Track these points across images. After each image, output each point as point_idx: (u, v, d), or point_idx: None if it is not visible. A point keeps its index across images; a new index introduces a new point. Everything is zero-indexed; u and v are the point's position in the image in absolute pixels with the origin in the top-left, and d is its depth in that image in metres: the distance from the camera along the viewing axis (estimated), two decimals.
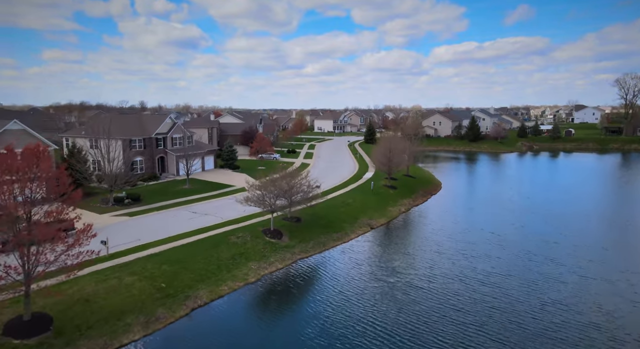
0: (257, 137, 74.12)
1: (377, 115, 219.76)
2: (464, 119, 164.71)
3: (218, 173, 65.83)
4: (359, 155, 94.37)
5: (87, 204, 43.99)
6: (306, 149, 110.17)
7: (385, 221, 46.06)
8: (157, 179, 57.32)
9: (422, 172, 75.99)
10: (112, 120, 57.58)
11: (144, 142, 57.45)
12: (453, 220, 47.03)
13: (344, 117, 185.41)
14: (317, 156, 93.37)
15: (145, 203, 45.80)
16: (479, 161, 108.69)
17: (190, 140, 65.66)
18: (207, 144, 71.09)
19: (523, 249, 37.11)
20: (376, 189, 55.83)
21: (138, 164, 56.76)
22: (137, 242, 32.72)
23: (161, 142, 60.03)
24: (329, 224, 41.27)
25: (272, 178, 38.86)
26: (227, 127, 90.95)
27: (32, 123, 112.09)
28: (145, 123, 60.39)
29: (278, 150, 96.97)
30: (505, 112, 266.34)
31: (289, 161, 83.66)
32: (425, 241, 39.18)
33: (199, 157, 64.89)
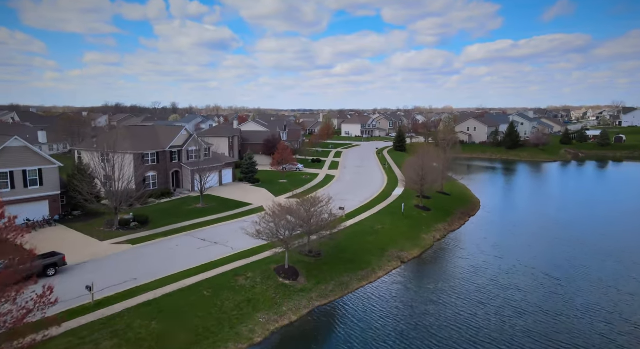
0: (280, 148, 69.74)
1: (407, 118, 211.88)
2: (501, 123, 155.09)
3: (236, 188, 61.73)
4: (387, 166, 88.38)
5: (90, 228, 40.59)
6: (332, 157, 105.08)
7: (418, 252, 40.27)
8: (171, 195, 53.72)
9: (458, 187, 69.29)
10: (125, 132, 54.44)
11: (157, 156, 54.01)
12: (497, 252, 40.64)
13: (372, 121, 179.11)
14: (342, 166, 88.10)
15: (152, 227, 41.98)
16: (519, 172, 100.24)
17: (207, 152, 61.88)
18: (225, 156, 67.30)
19: (589, 302, 30.57)
20: (407, 211, 50.00)
21: (150, 180, 53.33)
22: (131, 283, 28.58)
23: (176, 155, 56.46)
24: (354, 258, 35.96)
25: (288, 206, 33.92)
26: (249, 136, 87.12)
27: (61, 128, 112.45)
28: (159, 136, 57.02)
29: (302, 160, 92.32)
30: (544, 114, 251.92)
31: (313, 172, 78.82)
32: (464, 285, 33.22)
33: (215, 171, 61.04)
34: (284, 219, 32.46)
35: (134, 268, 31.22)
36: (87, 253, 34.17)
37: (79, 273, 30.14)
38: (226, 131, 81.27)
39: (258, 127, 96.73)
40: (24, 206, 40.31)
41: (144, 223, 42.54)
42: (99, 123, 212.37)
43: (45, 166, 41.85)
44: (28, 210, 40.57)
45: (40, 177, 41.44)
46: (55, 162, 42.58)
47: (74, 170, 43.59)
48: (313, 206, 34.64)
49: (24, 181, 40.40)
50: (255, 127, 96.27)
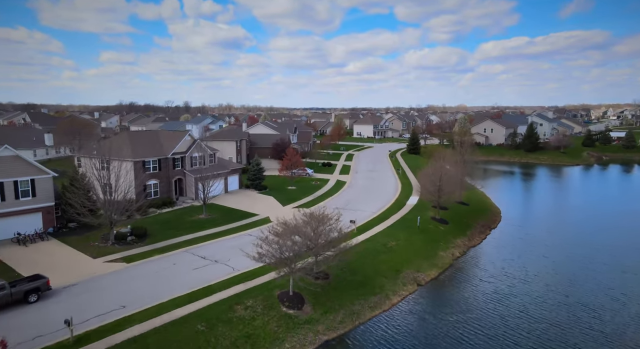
0: (288, 153, 66.75)
1: (420, 119, 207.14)
2: (519, 125, 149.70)
3: (242, 196, 58.91)
4: (401, 170, 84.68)
5: (84, 242, 38.11)
6: (343, 160, 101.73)
7: (435, 273, 36.82)
8: (173, 205, 51.13)
9: (476, 195, 65.34)
10: (126, 138, 52.03)
11: (158, 163, 51.46)
12: (522, 274, 36.93)
13: (384, 122, 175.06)
14: (354, 171, 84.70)
15: (150, 241, 39.34)
16: (540, 177, 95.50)
17: (213, 158, 59.17)
18: (231, 162, 64.58)
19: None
20: (423, 224, 46.48)
21: (151, 188, 50.81)
22: (119, 312, 25.83)
23: (179, 162, 53.86)
24: (365, 281, 32.71)
25: (293, 224, 30.80)
26: (257, 139, 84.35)
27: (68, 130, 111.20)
28: (162, 141, 54.48)
29: (312, 164, 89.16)
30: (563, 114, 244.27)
31: (323, 178, 75.65)
32: (488, 316, 29.71)
33: (221, 178, 58.33)
34: (288, 239, 29.45)
35: (124, 293, 28.50)
36: (77, 273, 31.61)
37: (64, 299, 27.54)
38: (234, 135, 78.61)
39: (267, 129, 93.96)
40: (15, 219, 38.05)
41: (142, 237, 39.93)
42: (110, 123, 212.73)
43: (38, 176, 39.52)
44: (19, 223, 38.30)
45: (32, 188, 39.12)
46: (49, 172, 40.23)
47: (68, 180, 41.11)
48: (321, 224, 31.49)
49: (15, 192, 38.11)
50: (264, 130, 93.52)
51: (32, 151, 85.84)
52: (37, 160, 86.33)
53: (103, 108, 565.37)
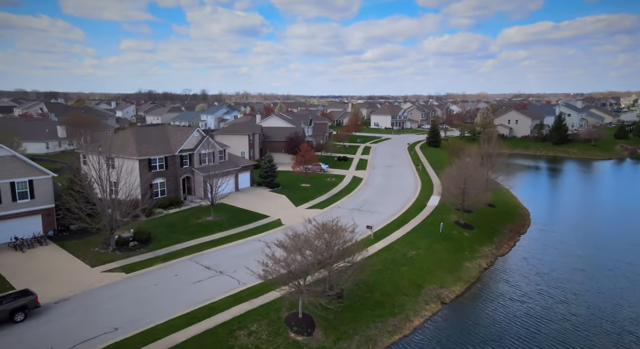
0: (302, 149, 63.55)
1: (440, 109, 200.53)
2: (546, 115, 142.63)
3: (253, 194, 56.17)
4: (421, 166, 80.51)
5: (84, 248, 35.97)
6: (360, 154, 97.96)
7: (461, 288, 33.40)
8: (180, 205, 48.73)
9: (502, 194, 61.04)
10: (131, 135, 49.66)
11: (165, 161, 48.98)
12: (560, 293, 33.19)
13: (403, 112, 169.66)
14: (371, 166, 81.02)
15: (153, 247, 36.99)
16: (569, 172, 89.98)
17: (223, 155, 56.45)
18: (242, 158, 61.74)
19: None
20: (446, 229, 42.87)
21: (158, 187, 48.47)
22: (109, 336, 23.42)
23: (187, 160, 51.30)
24: (383, 299, 29.57)
25: (304, 237, 27.72)
26: (271, 133, 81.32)
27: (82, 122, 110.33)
28: (169, 138, 51.92)
29: (327, 158, 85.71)
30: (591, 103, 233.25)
31: (339, 174, 72.30)
32: (521, 345, 26.25)
33: (231, 176, 55.66)
34: (298, 254, 26.47)
35: (118, 311, 26.10)
36: (72, 285, 29.41)
37: (54, 318, 25.29)
38: (246, 128, 75.76)
39: (281, 122, 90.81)
40: (12, 222, 36.13)
41: (145, 242, 37.62)
42: (126, 113, 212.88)
43: (36, 177, 37.42)
44: (17, 226, 36.40)
45: (31, 190, 37.08)
46: (48, 173, 38.08)
47: (67, 182, 38.86)
48: (335, 237, 28.34)
49: (12, 194, 36.11)
50: (278, 123, 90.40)
51: (44, 143, 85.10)
52: (49, 152, 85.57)
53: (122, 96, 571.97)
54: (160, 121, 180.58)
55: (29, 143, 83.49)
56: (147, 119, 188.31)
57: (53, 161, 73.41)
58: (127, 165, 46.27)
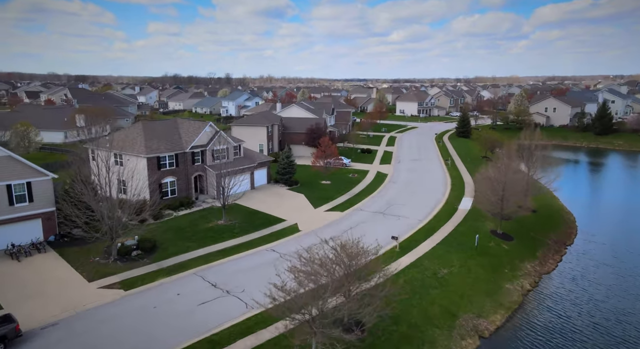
0: (323, 143, 59.32)
1: (470, 95, 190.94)
2: (587, 102, 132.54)
3: (269, 193, 52.60)
4: (450, 161, 74.93)
5: (84, 257, 33.29)
6: (384, 145, 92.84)
7: (501, 317, 28.94)
8: (191, 205, 45.65)
9: (543, 196, 55.19)
10: (140, 130, 46.58)
11: (176, 158, 45.79)
12: (619, 329, 28.28)
13: (430, 98, 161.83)
14: (396, 160, 76.06)
15: (158, 256, 34.01)
16: (615, 168, 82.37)
17: (238, 150, 52.91)
18: (259, 153, 58.02)
19: None
20: (482, 240, 38.11)
21: (168, 187, 45.46)
22: None
23: (199, 157, 47.99)
24: (411, 333, 25.52)
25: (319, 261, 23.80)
26: (291, 123, 77.24)
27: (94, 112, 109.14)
28: (180, 133, 48.61)
29: (350, 150, 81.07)
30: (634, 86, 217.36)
31: (362, 169, 67.82)
32: None
33: (247, 173, 52.17)
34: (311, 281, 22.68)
35: (108, 341, 23.11)
36: (63, 305, 26.67)
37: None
38: (265, 120, 71.90)
39: (302, 112, 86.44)
40: (10, 228, 33.78)
41: (150, 251, 34.69)
42: (149, 98, 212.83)
43: (35, 178, 34.81)
44: (15, 232, 34.04)
45: (29, 192, 34.54)
46: (47, 174, 35.39)
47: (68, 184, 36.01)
48: (355, 260, 24.34)
49: (8, 197, 33.64)
50: (299, 113, 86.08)
51: (63, 132, 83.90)
52: (68, 142, 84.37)
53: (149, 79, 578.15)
54: (182, 106, 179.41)
55: (47, 132, 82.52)
56: (169, 105, 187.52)
57: (66, 151, 71.44)
58: (135, 163, 43.43)
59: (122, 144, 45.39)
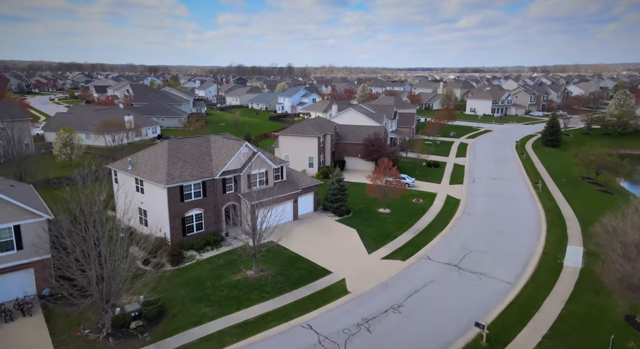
0: (382, 164, 49.02)
1: (555, 91, 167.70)
2: None
3: (314, 226, 43.63)
4: (540, 184, 60.76)
5: (70, 329, 26.47)
6: (454, 155, 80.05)
7: None
8: (219, 244, 37.95)
9: None
10: (164, 151, 39.51)
11: (203, 187, 38.21)
12: None
13: (507, 95, 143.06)
14: (469, 178, 63.62)
15: (163, 331, 26.46)
16: None
17: (280, 173, 44.46)
18: (305, 175, 48.79)
19: None
20: (619, 340, 26.02)
21: (193, 221, 38.09)
22: None
23: (231, 183, 40.10)
24: None
25: None
26: (346, 132, 67.50)
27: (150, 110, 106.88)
28: (211, 154, 40.95)
29: (411, 165, 69.47)
30: None
31: (427, 191, 56.57)
32: None
33: (289, 201, 43.67)
34: None
35: None
36: None
37: None
38: (316, 129, 62.82)
39: (360, 117, 76.19)
40: None
41: (155, 320, 27.29)
42: (208, 93, 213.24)
43: (25, 221, 28.67)
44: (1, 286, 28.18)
45: (17, 238, 28.47)
46: (42, 215, 29.11)
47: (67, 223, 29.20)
48: None
49: None
50: (356, 118, 75.93)
51: (110, 135, 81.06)
52: (113, 146, 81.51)
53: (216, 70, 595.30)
54: (239, 102, 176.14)
55: (96, 135, 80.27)
56: (226, 100, 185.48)
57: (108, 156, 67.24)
58: (155, 192, 36.49)
59: (143, 167, 38.71)
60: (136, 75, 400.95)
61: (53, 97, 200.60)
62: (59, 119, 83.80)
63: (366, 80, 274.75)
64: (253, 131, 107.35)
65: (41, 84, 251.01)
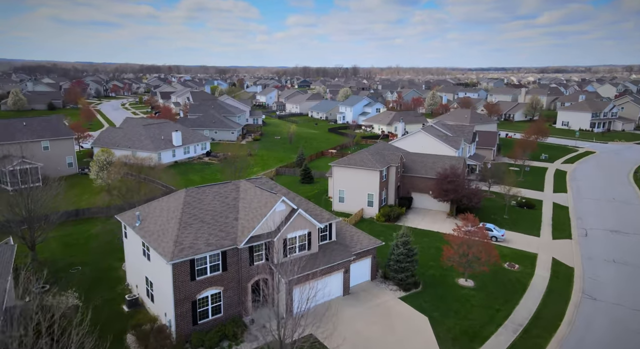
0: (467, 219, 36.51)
1: None
2: None
3: (369, 309, 32.44)
4: None
5: None
6: (550, 190, 64.21)
7: None
8: (239, 338, 28.18)
9: None
10: (179, 206, 30.64)
11: (223, 259, 28.76)
12: None
13: (611, 108, 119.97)
14: (579, 230, 48.38)
15: None
16: None
17: (328, 232, 33.94)
18: (360, 233, 37.28)
19: None
20: None
21: (209, 303, 28.76)
22: None
23: (260, 252, 30.27)
24: None
25: None
26: (415, 162, 55.24)
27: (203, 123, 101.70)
28: (239, 209, 31.40)
29: (496, 206, 54.92)
30: None
31: (523, 250, 42.80)
32: None
33: (338, 271, 32.98)
34: None
35: None
36: None
37: None
38: (379, 160, 51.34)
39: (432, 141, 63.30)
40: None
41: None
42: (269, 98, 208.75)
43: None
44: None
45: None
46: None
47: None
48: None
49: None
50: (427, 143, 63.12)
51: (157, 153, 75.84)
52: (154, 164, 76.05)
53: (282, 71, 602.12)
54: (299, 110, 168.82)
55: (142, 152, 75.54)
56: (286, 107, 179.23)
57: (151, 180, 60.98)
58: (159, 265, 27.77)
59: (152, 225, 30.23)
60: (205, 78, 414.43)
61: (125, 102, 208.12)
62: (108, 135, 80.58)
63: (434, 85, 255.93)
64: (309, 146, 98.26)
65: (117, 88, 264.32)
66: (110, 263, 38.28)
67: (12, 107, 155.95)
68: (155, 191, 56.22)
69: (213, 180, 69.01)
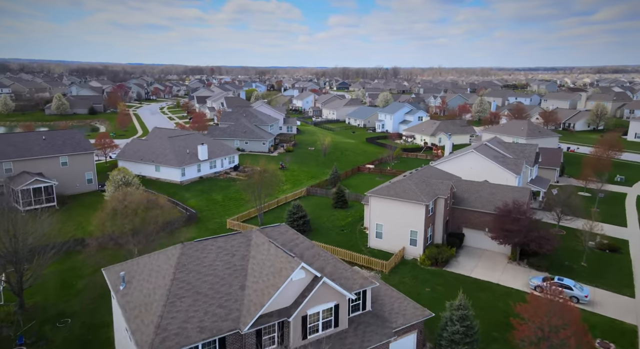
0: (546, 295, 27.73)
1: None
2: None
3: None
4: None
5: None
6: (636, 224, 52.92)
7: None
8: None
9: None
10: (172, 267, 24.02)
11: (221, 346, 21.81)
12: None
13: None
14: None
15: None
16: None
17: (362, 301, 26.31)
18: (408, 304, 29.21)
19: None
20: None
21: None
22: None
23: (272, 332, 23.11)
24: None
25: None
26: (467, 192, 46.25)
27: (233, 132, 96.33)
28: (248, 272, 24.45)
29: (568, 247, 44.68)
30: None
31: (616, 320, 33.05)
32: None
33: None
34: None
35: None
36: None
37: None
38: (424, 191, 42.90)
39: (486, 164, 53.80)
40: None
41: None
42: (305, 103, 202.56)
43: None
44: None
45: None
46: None
47: None
48: None
49: None
50: (482, 166, 53.69)
51: (180, 169, 71.01)
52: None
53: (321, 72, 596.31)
54: (336, 116, 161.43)
55: (166, 168, 71.06)
56: (323, 113, 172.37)
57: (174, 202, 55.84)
58: None
59: (137, 292, 23.84)
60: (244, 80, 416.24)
61: (163, 106, 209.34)
62: (133, 147, 76.79)
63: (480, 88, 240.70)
64: (344, 159, 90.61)
65: (158, 91, 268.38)
66: (102, 318, 32.46)
67: (55, 112, 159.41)
68: (172, 213, 50.55)
69: (236, 200, 62.97)
